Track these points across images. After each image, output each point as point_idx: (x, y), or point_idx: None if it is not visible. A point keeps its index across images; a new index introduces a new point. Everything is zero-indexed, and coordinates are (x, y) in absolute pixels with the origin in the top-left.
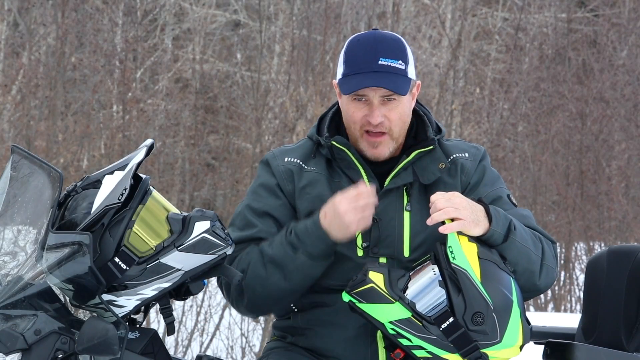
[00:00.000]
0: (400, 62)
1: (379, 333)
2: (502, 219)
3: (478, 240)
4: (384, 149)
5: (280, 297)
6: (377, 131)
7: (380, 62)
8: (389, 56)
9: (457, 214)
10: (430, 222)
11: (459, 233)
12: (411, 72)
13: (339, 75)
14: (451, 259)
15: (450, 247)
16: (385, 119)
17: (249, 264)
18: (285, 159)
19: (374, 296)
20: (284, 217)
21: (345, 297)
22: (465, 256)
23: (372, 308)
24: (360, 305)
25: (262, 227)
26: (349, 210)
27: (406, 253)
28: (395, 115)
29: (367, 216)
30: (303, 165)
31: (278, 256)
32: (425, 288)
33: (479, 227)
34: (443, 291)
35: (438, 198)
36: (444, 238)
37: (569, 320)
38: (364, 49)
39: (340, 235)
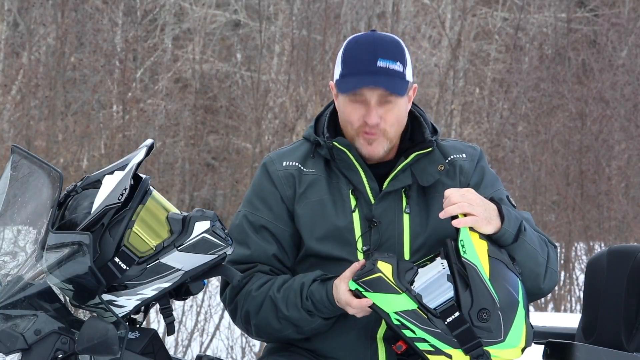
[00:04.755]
0: (398, 63)
1: (379, 335)
2: (514, 219)
3: (489, 238)
4: (378, 147)
5: (289, 339)
6: (372, 131)
7: (379, 63)
8: (388, 57)
9: (470, 209)
10: (443, 215)
11: (471, 229)
12: (409, 75)
13: (336, 76)
14: (462, 253)
15: (462, 240)
16: (381, 120)
17: (258, 310)
18: (284, 163)
19: (381, 286)
20: (279, 232)
21: (352, 285)
22: (476, 252)
23: (378, 297)
24: (367, 294)
25: (257, 246)
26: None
27: (407, 256)
28: (391, 116)
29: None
30: (302, 167)
31: (294, 317)
32: (433, 281)
33: (491, 225)
34: (451, 285)
35: (452, 192)
36: (447, 237)
37: (569, 320)
38: (362, 50)
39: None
